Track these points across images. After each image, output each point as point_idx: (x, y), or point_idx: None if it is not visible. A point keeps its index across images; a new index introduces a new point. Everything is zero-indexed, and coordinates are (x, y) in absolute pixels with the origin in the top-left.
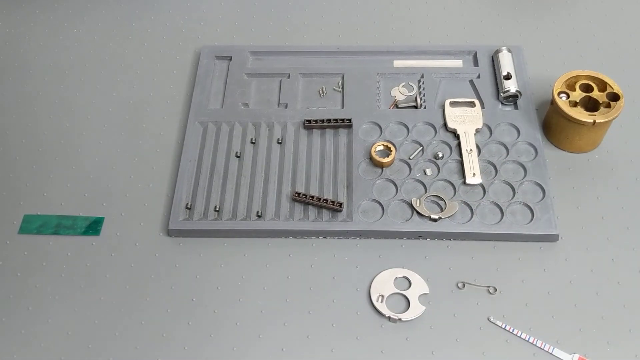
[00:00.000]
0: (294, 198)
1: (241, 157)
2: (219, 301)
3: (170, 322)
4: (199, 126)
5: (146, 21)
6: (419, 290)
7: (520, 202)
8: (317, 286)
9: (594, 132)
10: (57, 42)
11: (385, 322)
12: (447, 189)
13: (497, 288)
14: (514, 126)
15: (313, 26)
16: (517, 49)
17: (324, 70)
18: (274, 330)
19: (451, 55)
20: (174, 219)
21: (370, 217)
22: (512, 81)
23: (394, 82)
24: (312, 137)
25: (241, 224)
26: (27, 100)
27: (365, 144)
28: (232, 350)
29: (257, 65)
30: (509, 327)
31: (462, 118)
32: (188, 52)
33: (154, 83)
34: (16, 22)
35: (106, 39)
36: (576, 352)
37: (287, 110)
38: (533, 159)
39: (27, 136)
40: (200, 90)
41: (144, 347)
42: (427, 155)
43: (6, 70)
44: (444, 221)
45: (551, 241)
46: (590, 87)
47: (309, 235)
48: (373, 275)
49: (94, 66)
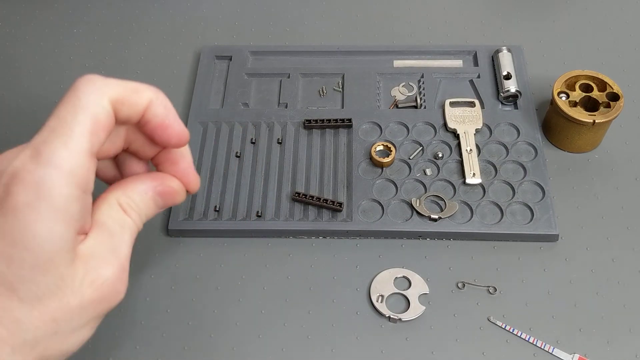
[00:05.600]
0: (293, 198)
1: (241, 157)
2: (219, 301)
3: (171, 322)
4: (199, 126)
5: (146, 21)
6: (419, 290)
7: (520, 202)
8: (317, 286)
9: (594, 132)
10: (57, 42)
11: (385, 322)
12: (447, 189)
13: (497, 288)
14: (514, 126)
15: (313, 26)
16: (517, 49)
17: (324, 70)
18: (274, 330)
19: (451, 55)
20: (174, 219)
21: (370, 217)
22: (512, 81)
23: (394, 82)
24: (312, 137)
25: (241, 224)
26: (27, 100)
27: (365, 144)
28: (232, 350)
29: (257, 65)
30: (509, 327)
31: (462, 118)
32: (188, 52)
33: (154, 83)
34: (16, 22)
35: (106, 39)
36: (576, 352)
37: (287, 110)
38: (533, 159)
39: (27, 136)
40: (200, 90)
41: (144, 347)
42: (427, 155)
43: (6, 70)
44: (444, 221)
45: (551, 241)
46: (590, 87)
47: (309, 235)
48: (373, 275)
49: (94, 66)
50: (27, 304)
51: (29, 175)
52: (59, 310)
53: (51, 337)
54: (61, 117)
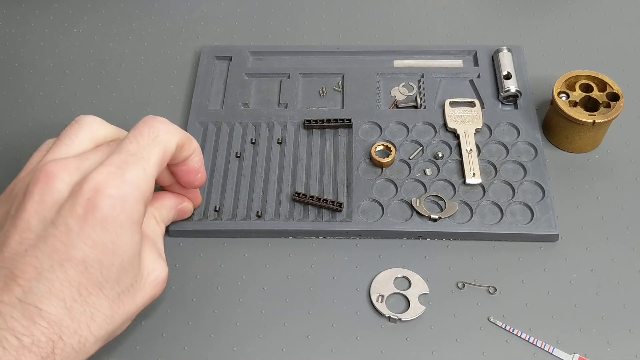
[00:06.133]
0: (293, 198)
1: (241, 157)
2: (219, 301)
3: (170, 322)
4: (199, 126)
5: (146, 21)
6: (418, 290)
7: (520, 202)
8: (317, 286)
9: (594, 132)
10: (57, 42)
11: (385, 322)
12: (447, 189)
13: (497, 288)
14: (514, 126)
15: (313, 26)
16: (517, 49)
17: (324, 70)
18: (274, 330)
19: (451, 55)
20: None
21: (370, 217)
22: (512, 81)
23: (394, 82)
24: (312, 137)
25: (241, 224)
26: (27, 100)
27: (365, 144)
28: (232, 350)
29: (257, 65)
30: (509, 327)
31: (462, 118)
32: (188, 52)
33: (154, 83)
34: (16, 22)
35: (106, 39)
36: (576, 352)
37: (287, 110)
38: (533, 159)
39: (27, 136)
40: (200, 90)
41: (144, 347)
42: (427, 155)
43: (6, 70)
44: (443, 221)
45: (551, 241)
46: (590, 87)
47: (308, 235)
48: (373, 275)
49: (94, 66)
50: (110, 301)
51: (116, 191)
52: (131, 305)
53: (119, 326)
54: (141, 145)
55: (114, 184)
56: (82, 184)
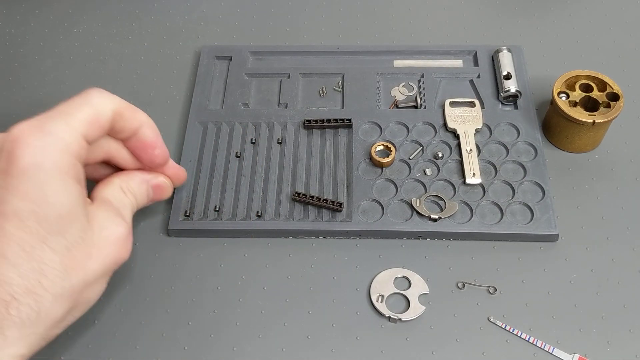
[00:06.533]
0: (293, 198)
1: (241, 157)
2: (219, 301)
3: (170, 322)
4: (199, 126)
5: (146, 21)
6: (418, 290)
7: (520, 202)
8: (317, 286)
9: (594, 132)
10: (57, 42)
11: (385, 322)
12: (447, 189)
13: (497, 288)
14: (514, 126)
15: (313, 26)
16: (517, 49)
17: (324, 70)
18: (274, 330)
19: (451, 55)
20: (174, 219)
21: (370, 217)
22: (512, 81)
23: (394, 82)
24: (312, 137)
25: (241, 224)
26: (27, 100)
27: (365, 144)
28: (232, 351)
29: (257, 65)
30: (509, 327)
31: (462, 118)
32: (188, 52)
33: (154, 83)
34: (16, 22)
35: (106, 39)
36: (576, 352)
37: (287, 110)
38: (533, 159)
39: None
40: (200, 90)
41: (144, 347)
42: (427, 155)
43: (6, 70)
44: (443, 221)
45: (551, 241)
46: (590, 87)
47: (308, 235)
48: (373, 275)
49: (94, 66)
50: (59, 254)
51: (34, 140)
52: (88, 260)
53: (81, 286)
54: (69, 104)
55: (32, 134)
56: (4, 139)
